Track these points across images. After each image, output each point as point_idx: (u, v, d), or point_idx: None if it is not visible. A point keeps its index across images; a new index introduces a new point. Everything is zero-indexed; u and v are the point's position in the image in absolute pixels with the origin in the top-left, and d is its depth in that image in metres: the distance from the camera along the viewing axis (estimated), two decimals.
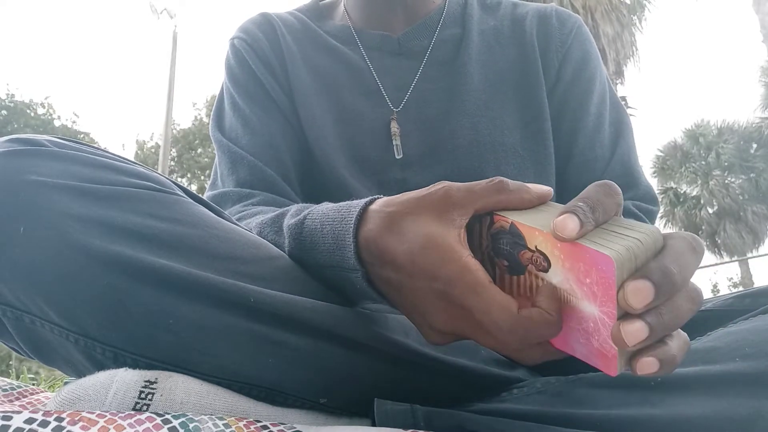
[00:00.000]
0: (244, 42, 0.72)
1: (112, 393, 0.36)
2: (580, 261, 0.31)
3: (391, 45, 0.72)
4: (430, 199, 0.36)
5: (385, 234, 0.37)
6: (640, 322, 0.29)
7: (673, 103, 60.01)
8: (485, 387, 0.44)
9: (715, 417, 0.33)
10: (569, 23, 0.73)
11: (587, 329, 0.32)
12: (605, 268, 0.30)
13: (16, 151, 0.39)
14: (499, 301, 0.33)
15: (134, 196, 0.40)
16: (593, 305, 0.31)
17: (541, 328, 0.32)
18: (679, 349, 0.31)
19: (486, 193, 0.36)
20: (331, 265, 0.41)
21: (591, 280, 0.31)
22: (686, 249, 0.31)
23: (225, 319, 0.38)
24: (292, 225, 0.46)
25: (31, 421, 0.30)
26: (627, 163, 0.70)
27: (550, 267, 0.33)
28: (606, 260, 0.29)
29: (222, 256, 0.40)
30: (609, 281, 0.30)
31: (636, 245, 0.30)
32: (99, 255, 0.36)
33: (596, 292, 0.31)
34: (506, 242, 0.36)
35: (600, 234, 0.32)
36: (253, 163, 0.66)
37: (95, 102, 41.04)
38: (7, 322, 0.39)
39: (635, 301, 0.29)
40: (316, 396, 0.41)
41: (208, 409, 0.37)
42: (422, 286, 0.35)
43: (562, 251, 0.32)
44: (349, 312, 0.43)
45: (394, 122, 0.68)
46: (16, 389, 0.49)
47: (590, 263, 0.30)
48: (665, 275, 0.29)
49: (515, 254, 0.35)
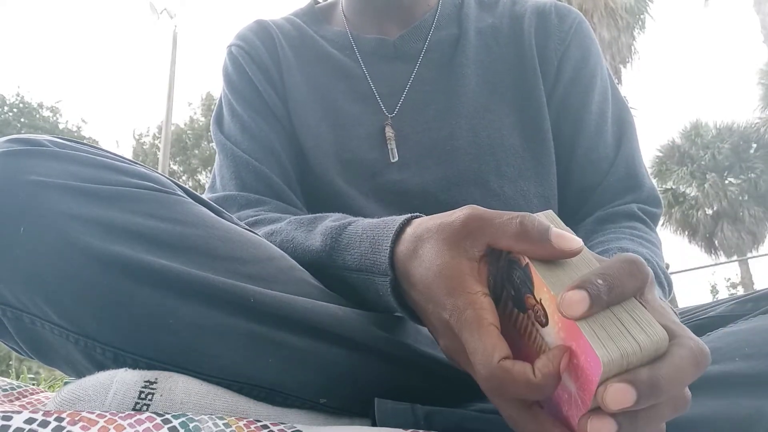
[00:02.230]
0: (242, 49, 0.72)
1: (112, 393, 0.36)
2: (573, 340, 0.30)
3: (387, 49, 0.72)
4: (449, 224, 0.36)
5: (411, 256, 0.38)
6: (610, 421, 0.28)
7: (673, 104, 60.02)
8: None
9: (715, 417, 0.33)
10: (569, 19, 0.72)
11: (561, 397, 0.31)
12: (593, 364, 0.28)
13: (17, 151, 0.39)
14: (485, 344, 0.31)
15: (134, 196, 0.40)
16: (573, 385, 0.30)
17: (518, 385, 0.30)
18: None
19: (503, 231, 0.34)
20: (360, 269, 0.42)
21: (577, 362, 0.29)
22: (688, 364, 0.29)
23: (225, 319, 0.38)
24: (333, 227, 0.46)
25: (31, 421, 0.30)
26: (631, 164, 0.69)
27: (547, 326, 0.32)
28: (595, 360, 0.28)
29: (222, 256, 0.40)
30: (592, 377, 0.28)
31: (634, 351, 0.28)
32: (99, 255, 0.36)
33: (579, 375, 0.29)
34: (518, 276, 0.34)
35: (605, 319, 0.29)
36: (259, 168, 0.66)
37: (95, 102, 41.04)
38: (7, 322, 0.39)
39: (612, 403, 0.27)
40: (316, 396, 0.41)
41: (208, 410, 0.37)
42: (433, 311, 0.36)
43: (561, 322, 0.30)
44: (349, 312, 0.43)
45: (388, 127, 0.67)
46: (16, 389, 0.49)
47: (582, 348, 0.29)
48: (653, 387, 0.27)
49: (521, 294, 0.34)
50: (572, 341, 0.30)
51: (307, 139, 0.68)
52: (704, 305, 0.47)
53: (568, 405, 0.31)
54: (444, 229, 0.36)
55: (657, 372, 0.28)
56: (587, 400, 0.29)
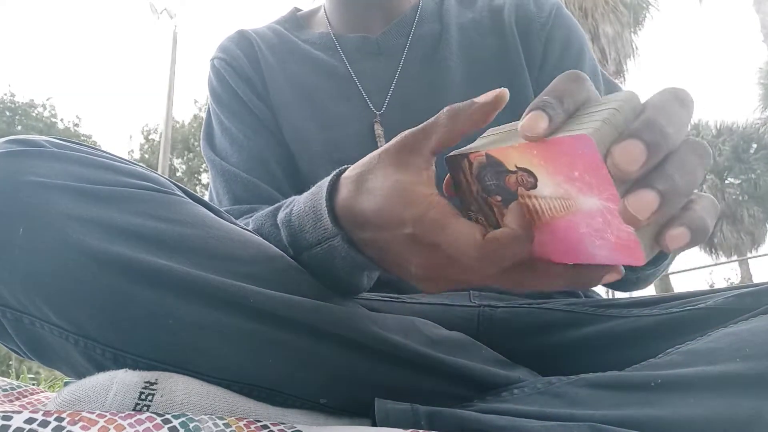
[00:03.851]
0: (223, 61, 0.73)
1: (113, 394, 0.36)
2: (560, 157, 0.29)
3: (370, 46, 0.73)
4: (389, 151, 0.37)
5: (356, 196, 0.38)
6: (645, 189, 0.26)
7: None
8: (485, 387, 0.44)
9: (715, 417, 0.33)
10: (547, 6, 0.73)
11: (598, 228, 0.29)
12: (586, 149, 0.27)
13: (15, 152, 0.39)
14: (462, 230, 0.33)
15: (134, 196, 0.40)
16: (593, 197, 0.28)
17: (510, 246, 0.32)
18: (707, 211, 0.28)
19: (438, 124, 0.35)
20: (318, 241, 0.42)
21: (579, 172, 0.28)
22: (670, 99, 0.28)
23: (225, 319, 0.38)
24: (283, 217, 0.46)
25: (31, 421, 0.30)
26: None
27: (537, 181, 0.31)
28: (583, 140, 0.27)
29: (221, 256, 0.40)
30: (595, 161, 0.27)
31: (613, 115, 0.27)
32: (98, 255, 0.36)
33: (589, 180, 0.28)
34: (490, 176, 0.34)
35: (574, 122, 0.29)
36: (247, 179, 0.67)
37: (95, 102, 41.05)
38: (7, 323, 0.39)
39: (626, 163, 0.26)
40: (316, 396, 0.41)
41: (208, 410, 0.37)
42: (394, 235, 0.36)
43: (540, 155, 0.30)
44: (349, 312, 0.43)
45: (377, 125, 0.68)
46: (16, 389, 0.49)
47: (571, 153, 0.28)
48: (651, 127, 0.26)
49: (502, 183, 0.34)
50: (560, 158, 0.29)
51: (296, 141, 0.69)
52: (700, 292, 0.47)
53: (609, 228, 0.29)
54: (385, 156, 0.37)
55: (645, 114, 0.27)
56: (613, 194, 0.27)
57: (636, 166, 0.26)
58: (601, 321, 0.49)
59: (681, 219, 0.28)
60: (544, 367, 0.48)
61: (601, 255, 0.31)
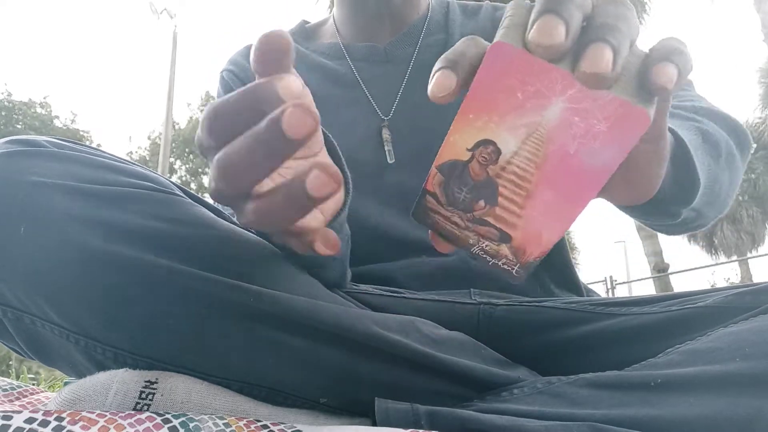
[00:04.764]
0: (231, 73, 0.75)
1: (113, 393, 0.36)
2: (492, 92, 0.27)
3: (378, 55, 0.74)
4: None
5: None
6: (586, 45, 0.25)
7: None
8: (485, 387, 0.44)
9: (715, 417, 0.33)
10: None
11: (583, 129, 0.27)
12: (507, 54, 0.26)
13: (16, 152, 0.39)
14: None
15: (134, 196, 0.40)
16: (551, 102, 0.27)
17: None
18: (669, 41, 0.27)
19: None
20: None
21: (518, 82, 0.27)
22: None
23: (225, 319, 0.38)
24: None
25: (31, 420, 0.30)
26: None
27: (495, 142, 0.29)
28: (498, 47, 0.26)
29: (221, 256, 0.40)
30: (524, 58, 0.26)
31: (511, 17, 0.27)
32: (99, 255, 0.36)
33: (533, 87, 0.26)
34: (458, 186, 0.32)
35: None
36: None
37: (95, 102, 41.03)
38: (8, 322, 0.39)
39: (547, 36, 0.25)
40: (316, 396, 0.41)
41: (209, 409, 0.37)
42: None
43: (475, 111, 0.28)
44: (349, 312, 0.43)
45: (385, 129, 0.69)
46: (16, 389, 0.49)
47: (497, 74, 0.27)
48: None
49: (471, 181, 0.31)
50: (492, 94, 0.27)
51: None
52: (700, 291, 0.47)
53: (590, 118, 0.27)
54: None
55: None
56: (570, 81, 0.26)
57: (558, 34, 0.25)
58: (601, 319, 0.49)
59: (651, 56, 0.27)
60: (544, 365, 0.48)
61: (611, 151, 0.28)
